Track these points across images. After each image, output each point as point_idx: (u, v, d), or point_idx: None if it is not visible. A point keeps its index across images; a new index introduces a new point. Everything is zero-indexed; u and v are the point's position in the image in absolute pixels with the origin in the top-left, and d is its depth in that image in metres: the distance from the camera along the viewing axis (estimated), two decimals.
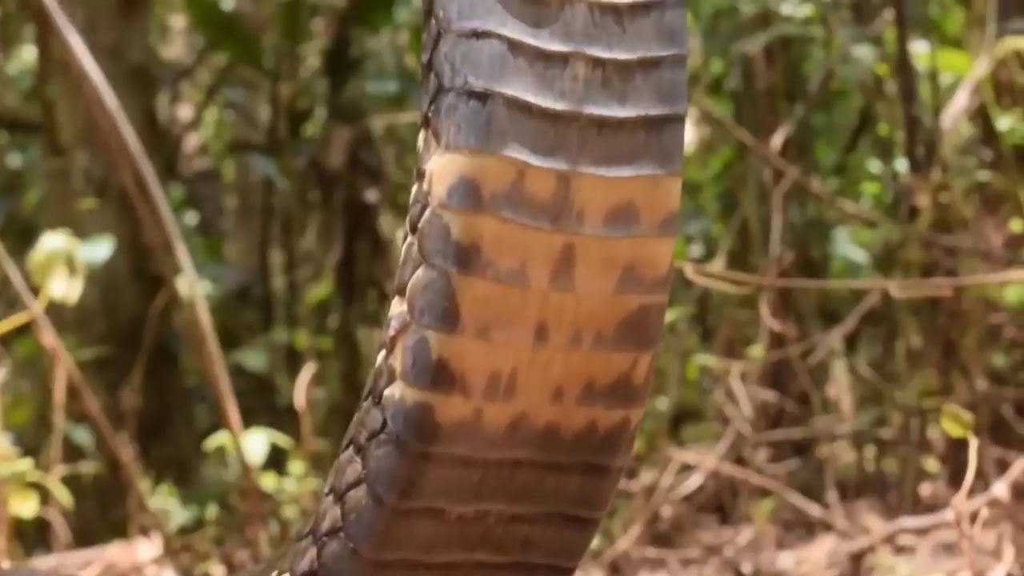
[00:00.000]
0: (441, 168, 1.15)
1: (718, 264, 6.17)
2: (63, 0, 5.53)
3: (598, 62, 1.14)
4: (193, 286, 4.06)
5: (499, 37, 1.12)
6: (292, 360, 7.74)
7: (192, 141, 9.58)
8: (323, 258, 8.46)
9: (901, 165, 6.27)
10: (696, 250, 7.42)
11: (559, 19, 1.14)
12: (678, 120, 1.18)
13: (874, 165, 7.33)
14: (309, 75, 7.85)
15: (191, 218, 9.00)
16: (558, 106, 1.13)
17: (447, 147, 1.14)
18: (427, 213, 1.17)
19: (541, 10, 1.13)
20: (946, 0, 6.61)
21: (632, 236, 1.18)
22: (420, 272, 1.18)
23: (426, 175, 1.17)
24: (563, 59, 1.14)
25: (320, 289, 8.49)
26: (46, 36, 4.69)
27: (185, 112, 9.77)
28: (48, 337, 3.84)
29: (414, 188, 1.20)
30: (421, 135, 1.18)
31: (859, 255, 6.95)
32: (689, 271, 3.97)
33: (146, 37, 6.27)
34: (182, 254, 4.05)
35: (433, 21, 1.15)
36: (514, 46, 1.12)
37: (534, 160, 1.13)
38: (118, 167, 4.05)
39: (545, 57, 1.13)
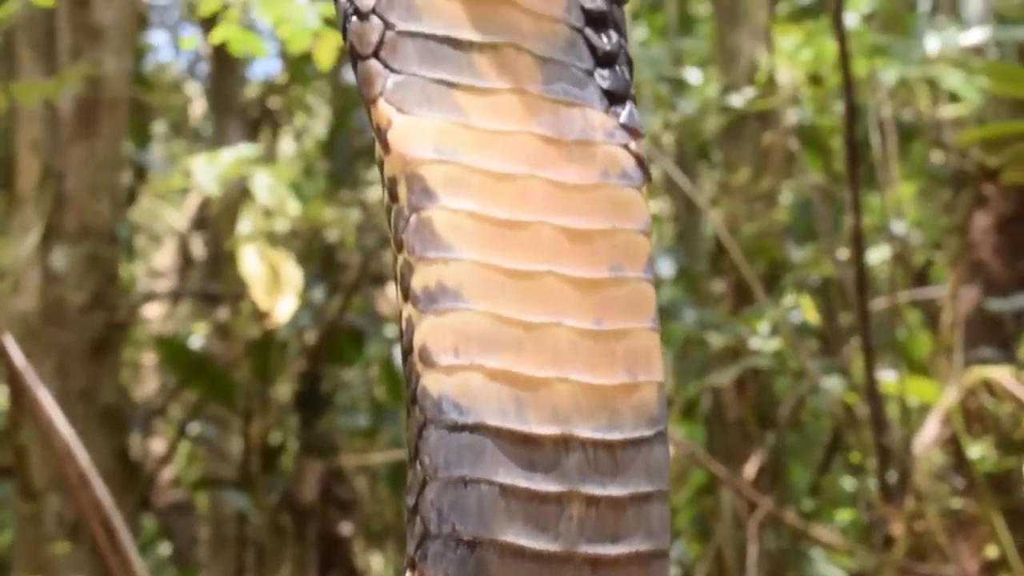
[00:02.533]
0: None
1: None
2: (35, 344, 5.61)
3: (592, 500, 1.13)
4: None
5: (489, 483, 1.11)
6: None
7: (166, 474, 9.57)
8: None
9: (874, 485, 6.30)
10: (674, 572, 7.36)
11: (554, 459, 1.13)
12: (664, 555, 1.17)
13: (848, 482, 7.36)
14: (280, 409, 7.90)
15: (165, 549, 8.95)
16: (552, 548, 1.11)
17: None
18: None
19: (534, 452, 1.12)
20: (912, 323, 6.72)
21: None
22: None
23: None
24: (557, 500, 1.12)
25: None
26: (17, 386, 4.72)
27: (158, 446, 9.79)
28: None
29: None
30: (408, 574, 1.16)
31: (837, 574, 6.91)
32: None
33: (117, 378, 6.31)
34: None
35: (418, 466, 1.14)
36: (506, 491, 1.10)
37: None
38: (88, 518, 4.02)
39: (539, 499, 1.12)
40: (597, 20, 1.24)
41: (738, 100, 6.61)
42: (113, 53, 6.19)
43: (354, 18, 1.18)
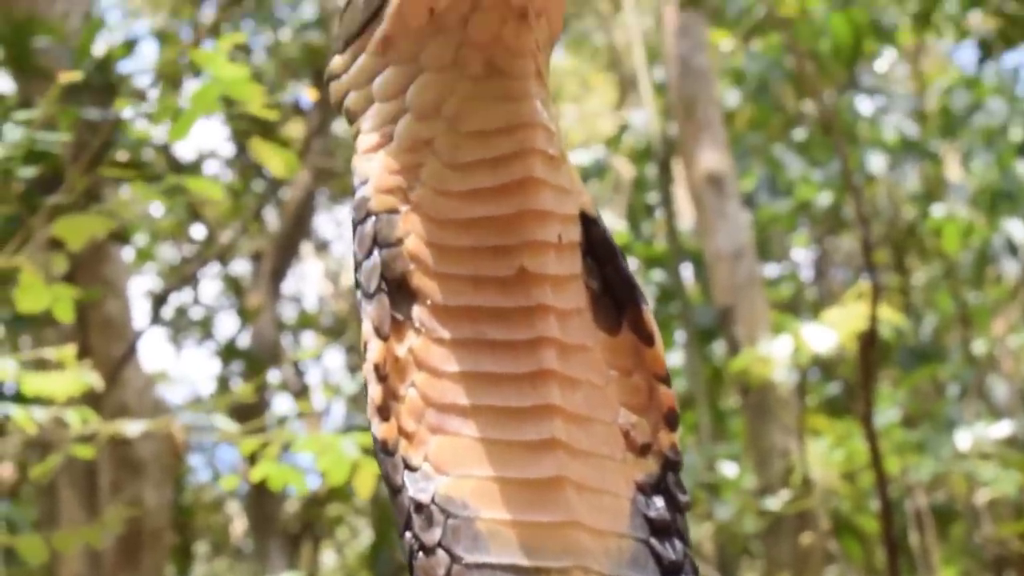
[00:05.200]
0: None
1: None
2: None
3: None
4: None
5: None
6: None
7: None
8: None
9: None
10: None
11: None
12: None
13: None
14: None
15: None
16: None
17: None
18: None
19: None
20: None
21: None
22: None
23: None
24: None
25: None
26: None
27: None
28: None
29: None
30: None
31: None
32: None
33: None
34: None
35: None
36: None
37: None
38: None
39: None
40: (662, 530, 1.25)
41: (774, 503, 6.61)
42: (153, 486, 6.24)
43: (420, 554, 1.20)
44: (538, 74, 1.27)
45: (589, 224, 1.31)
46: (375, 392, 1.25)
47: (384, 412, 1.24)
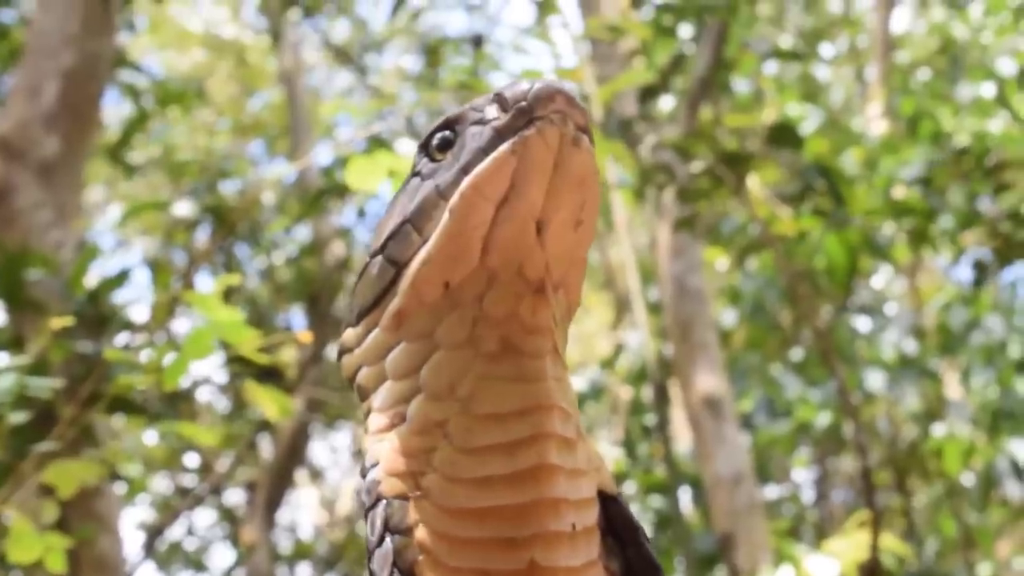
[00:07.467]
0: None
1: None
2: None
3: None
4: None
5: None
6: None
7: None
8: None
9: None
10: None
11: None
12: None
13: None
14: None
15: None
16: None
17: None
18: None
19: None
20: None
21: None
22: None
23: None
24: None
25: None
26: None
27: None
28: None
29: None
30: None
31: None
32: None
33: None
34: None
35: None
36: None
37: None
38: None
39: None
40: None
41: None
42: None
43: None
44: (555, 351, 1.23)
45: (608, 502, 1.25)
46: None
47: None
